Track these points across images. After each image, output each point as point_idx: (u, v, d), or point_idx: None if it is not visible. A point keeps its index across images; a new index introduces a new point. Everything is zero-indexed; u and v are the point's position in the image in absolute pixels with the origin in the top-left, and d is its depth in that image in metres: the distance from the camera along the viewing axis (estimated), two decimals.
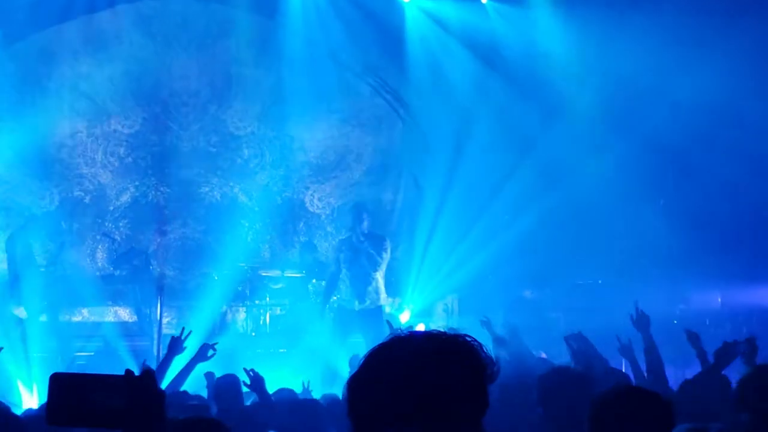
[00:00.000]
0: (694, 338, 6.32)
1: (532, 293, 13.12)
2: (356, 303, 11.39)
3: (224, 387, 6.45)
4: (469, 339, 2.08)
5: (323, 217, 15.87)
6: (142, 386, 2.31)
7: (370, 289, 11.41)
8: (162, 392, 2.35)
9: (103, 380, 2.33)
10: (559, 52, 13.00)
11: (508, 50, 13.31)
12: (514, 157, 13.54)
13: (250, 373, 6.38)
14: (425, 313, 13.48)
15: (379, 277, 11.48)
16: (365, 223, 11.35)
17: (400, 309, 13.78)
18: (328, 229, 15.82)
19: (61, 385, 2.24)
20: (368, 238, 11.35)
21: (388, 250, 11.55)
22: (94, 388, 2.26)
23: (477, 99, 13.84)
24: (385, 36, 14.39)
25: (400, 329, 2.16)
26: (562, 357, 10.07)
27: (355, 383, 2.09)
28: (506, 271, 12.79)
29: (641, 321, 6.46)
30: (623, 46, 11.88)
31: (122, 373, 2.36)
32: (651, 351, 6.26)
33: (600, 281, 12.44)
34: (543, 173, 13.25)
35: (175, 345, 6.39)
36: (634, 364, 6.42)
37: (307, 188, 15.82)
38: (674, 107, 11.97)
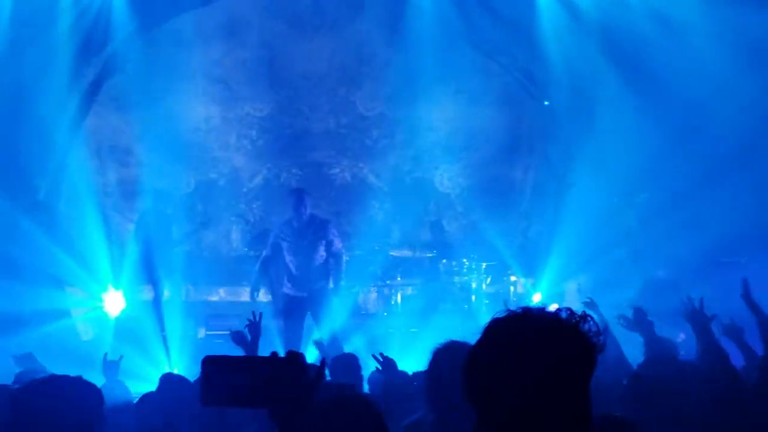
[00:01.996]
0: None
1: (668, 272, 12.76)
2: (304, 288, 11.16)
3: (343, 364, 6.44)
4: (577, 317, 2.13)
5: (453, 196, 15.82)
6: (290, 367, 2.34)
7: (318, 272, 11.21)
8: (308, 373, 2.38)
9: (253, 362, 2.38)
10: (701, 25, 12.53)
11: (644, 25, 12.91)
12: (649, 132, 13.16)
13: (379, 357, 6.34)
14: (558, 294, 13.33)
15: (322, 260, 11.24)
16: (307, 207, 11.06)
17: (533, 289, 13.66)
18: (458, 208, 15.77)
19: (213, 367, 2.30)
20: (311, 222, 11.10)
21: (332, 234, 11.25)
22: (245, 369, 2.31)
23: (610, 75, 13.50)
24: (515, 13, 14.18)
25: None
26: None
27: (477, 356, 2.13)
28: (641, 250, 12.50)
29: (748, 299, 6.14)
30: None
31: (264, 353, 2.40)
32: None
33: (744, 259, 11.98)
34: (678, 148, 12.84)
35: (253, 328, 6.30)
36: (742, 345, 6.14)
37: (437, 168, 15.79)
38: None
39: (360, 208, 15.19)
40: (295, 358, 2.37)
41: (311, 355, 9.78)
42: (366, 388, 6.78)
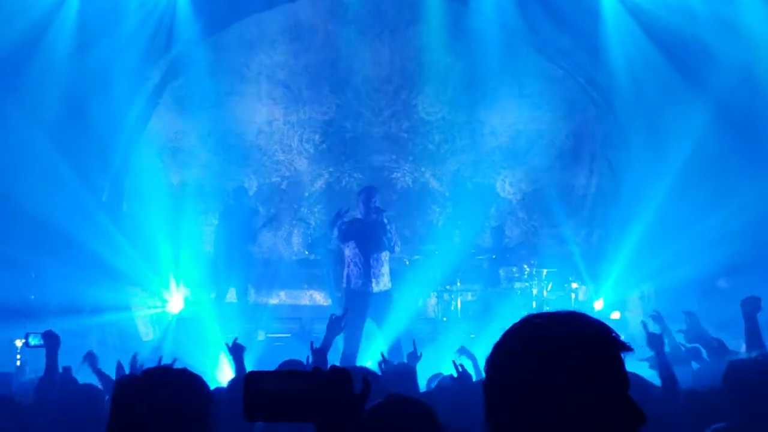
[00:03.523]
0: None
1: (727, 282, 12.54)
2: (373, 285, 11.11)
3: (399, 374, 6.43)
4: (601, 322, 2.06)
5: (514, 202, 15.74)
6: (335, 382, 2.34)
7: (383, 270, 11.16)
8: (353, 384, 2.38)
9: (297, 376, 2.38)
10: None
11: (709, 32, 12.71)
12: (715, 141, 12.96)
13: (459, 368, 6.26)
14: (620, 302, 13.18)
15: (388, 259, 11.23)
16: (377, 205, 10.97)
17: (595, 296, 13.53)
18: (520, 214, 15.68)
19: (256, 382, 2.30)
20: (379, 220, 10.93)
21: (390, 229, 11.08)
22: (289, 383, 2.31)
23: (675, 82, 13.30)
24: (579, 17, 14.05)
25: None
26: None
27: (500, 356, 2.08)
28: (703, 260, 12.29)
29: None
30: None
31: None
32: None
33: None
34: (747, 158, 12.62)
35: (334, 325, 6.34)
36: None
37: (498, 173, 15.72)
38: None
39: (421, 212, 15.19)
40: (340, 373, 2.36)
41: (369, 356, 9.79)
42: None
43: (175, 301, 13.57)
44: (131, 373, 5.21)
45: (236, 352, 6.49)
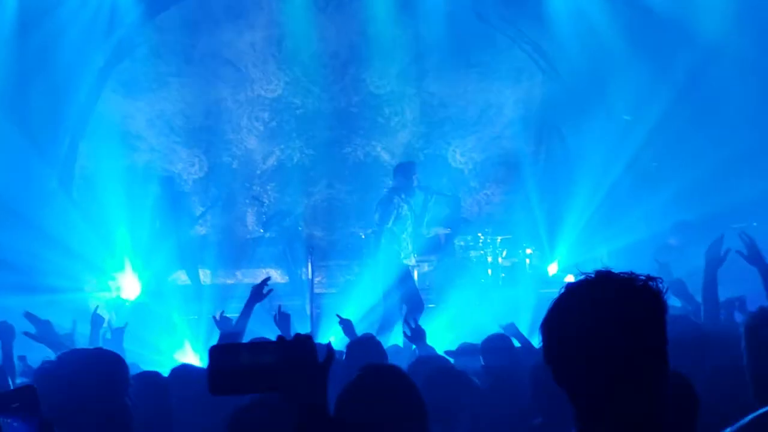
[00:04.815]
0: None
1: (677, 239, 12.70)
2: (412, 258, 11.35)
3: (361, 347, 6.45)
4: (646, 281, 2.13)
5: (466, 172, 15.79)
6: (298, 350, 2.36)
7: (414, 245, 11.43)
8: (316, 352, 2.39)
9: (259, 347, 2.39)
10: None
11: None
12: (664, 104, 13.08)
13: (411, 324, 6.40)
14: (573, 265, 13.28)
15: None
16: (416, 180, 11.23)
17: (549, 261, 13.66)
18: (472, 183, 15.74)
19: (219, 356, 2.31)
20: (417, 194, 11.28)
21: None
22: (252, 355, 2.32)
23: (622, 46, 13.40)
24: None
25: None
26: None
27: (553, 323, 2.15)
28: (656, 220, 12.44)
29: (753, 254, 6.11)
30: None
31: (276, 334, 2.42)
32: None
33: (755, 224, 11.92)
34: (693, 119, 12.78)
35: (255, 294, 6.27)
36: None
37: (449, 144, 15.76)
38: None
39: (373, 186, 15.18)
40: (303, 340, 2.38)
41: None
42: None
43: (131, 285, 13.45)
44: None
45: (283, 321, 6.34)
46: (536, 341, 5.33)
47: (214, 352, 2.31)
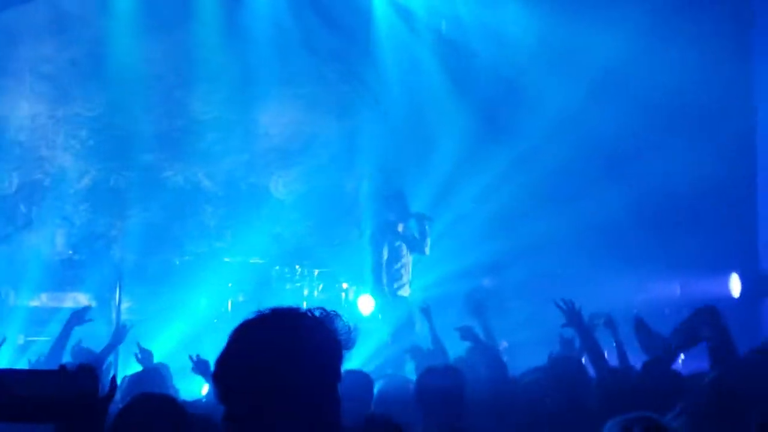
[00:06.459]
0: (638, 325, 6.29)
1: (492, 281, 13.11)
2: (407, 290, 11.56)
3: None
4: (323, 312, 2.25)
5: (288, 203, 15.78)
6: (80, 380, 2.28)
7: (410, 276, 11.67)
8: (98, 385, 2.32)
9: (41, 375, 2.30)
10: (528, 40, 13.03)
11: (476, 38, 13.29)
12: (484, 146, 13.50)
13: (194, 358, 6.37)
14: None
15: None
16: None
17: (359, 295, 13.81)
18: (293, 215, 15.74)
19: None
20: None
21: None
22: (32, 383, 2.23)
23: (446, 87, 13.78)
24: (350, 20, 14.31)
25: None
26: (522, 346, 10.13)
27: (225, 361, 2.23)
28: (467, 260, 12.79)
29: (571, 316, 6.32)
30: (589, 33, 11.95)
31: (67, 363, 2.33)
32: (588, 343, 6.21)
33: (560, 270, 12.46)
34: (509, 162, 13.25)
35: (118, 334, 6.20)
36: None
37: (272, 173, 15.71)
38: (636, 97, 12.09)
39: (192, 212, 14.97)
40: (86, 370, 2.30)
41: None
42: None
43: None
44: None
45: (201, 367, 6.27)
46: None
47: None
